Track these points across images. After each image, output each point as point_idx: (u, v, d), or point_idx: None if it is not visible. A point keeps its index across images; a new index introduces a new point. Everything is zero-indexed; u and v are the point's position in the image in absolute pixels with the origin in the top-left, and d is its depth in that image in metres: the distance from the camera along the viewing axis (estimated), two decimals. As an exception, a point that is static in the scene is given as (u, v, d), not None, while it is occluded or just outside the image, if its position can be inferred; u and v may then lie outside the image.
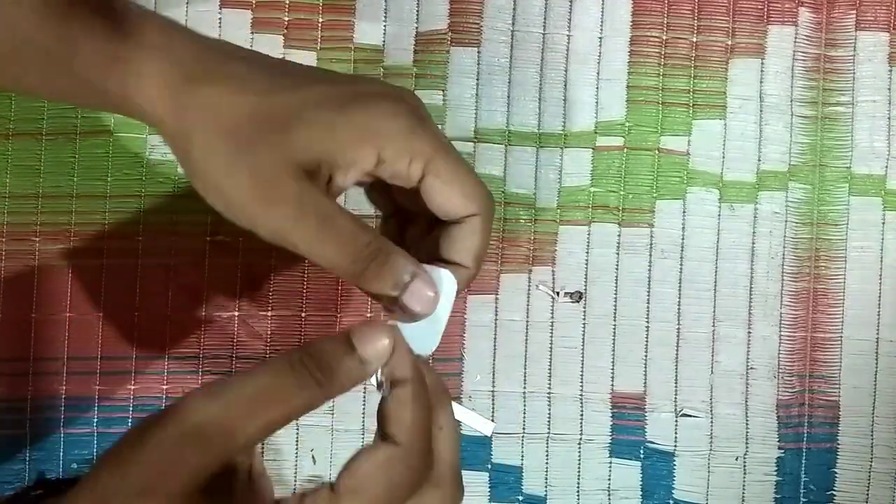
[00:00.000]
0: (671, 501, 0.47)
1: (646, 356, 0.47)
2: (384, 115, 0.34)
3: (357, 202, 0.46)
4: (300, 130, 0.32)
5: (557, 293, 0.47)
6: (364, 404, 0.47)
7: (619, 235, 0.47)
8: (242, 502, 0.30)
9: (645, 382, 0.47)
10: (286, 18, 0.47)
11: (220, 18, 0.47)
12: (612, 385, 0.47)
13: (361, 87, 0.35)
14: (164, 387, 0.46)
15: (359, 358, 0.30)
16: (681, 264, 0.48)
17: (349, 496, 0.29)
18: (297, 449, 0.47)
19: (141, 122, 0.34)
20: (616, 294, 0.47)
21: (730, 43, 0.48)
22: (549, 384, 0.47)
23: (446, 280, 0.35)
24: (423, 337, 0.34)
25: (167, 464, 0.27)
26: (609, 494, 0.47)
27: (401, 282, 0.33)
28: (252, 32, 0.47)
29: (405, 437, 0.30)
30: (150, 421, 0.28)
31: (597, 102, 0.48)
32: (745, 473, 0.47)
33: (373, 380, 0.31)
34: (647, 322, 0.47)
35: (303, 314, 0.47)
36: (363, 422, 0.47)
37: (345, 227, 0.33)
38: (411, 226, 0.38)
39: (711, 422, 0.47)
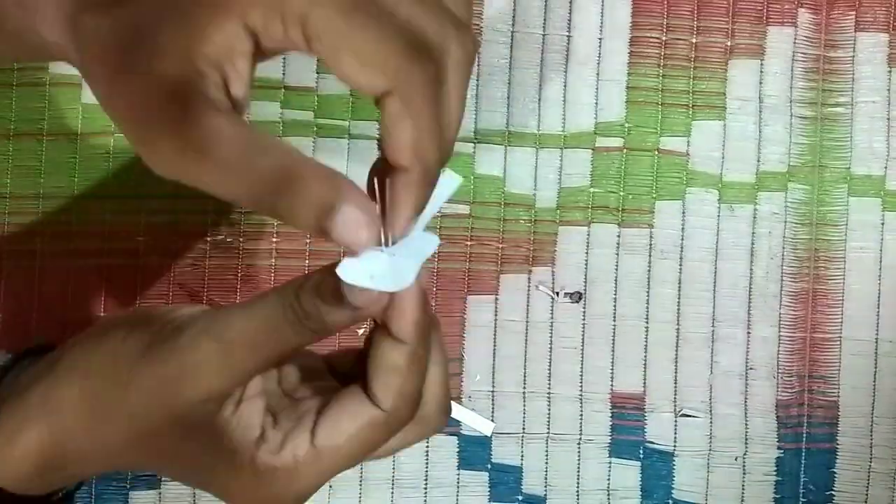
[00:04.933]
0: (670, 501, 0.47)
1: (645, 356, 0.47)
2: None
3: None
4: (164, 30, 0.26)
5: (557, 293, 0.47)
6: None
7: (618, 236, 0.47)
8: (230, 426, 0.29)
9: (644, 382, 0.47)
10: (286, 19, 0.47)
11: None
12: (612, 385, 0.47)
13: None
14: (165, 387, 0.46)
15: (351, 307, 0.27)
16: (680, 265, 0.48)
17: (329, 454, 0.29)
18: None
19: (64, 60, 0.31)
20: (616, 294, 0.47)
21: (729, 44, 0.48)
22: (549, 384, 0.47)
23: (429, 238, 0.28)
24: (396, 270, 0.27)
25: (168, 394, 0.28)
26: (608, 494, 0.47)
27: (323, 213, 0.25)
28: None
29: (392, 405, 0.29)
30: (146, 337, 0.29)
31: (596, 103, 0.48)
32: (744, 473, 0.47)
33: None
34: (647, 322, 0.47)
35: (303, 314, 0.47)
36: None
37: (233, 151, 0.26)
38: None
39: (711, 422, 0.47)
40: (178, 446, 0.29)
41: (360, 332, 0.46)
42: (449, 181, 0.29)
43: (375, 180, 0.28)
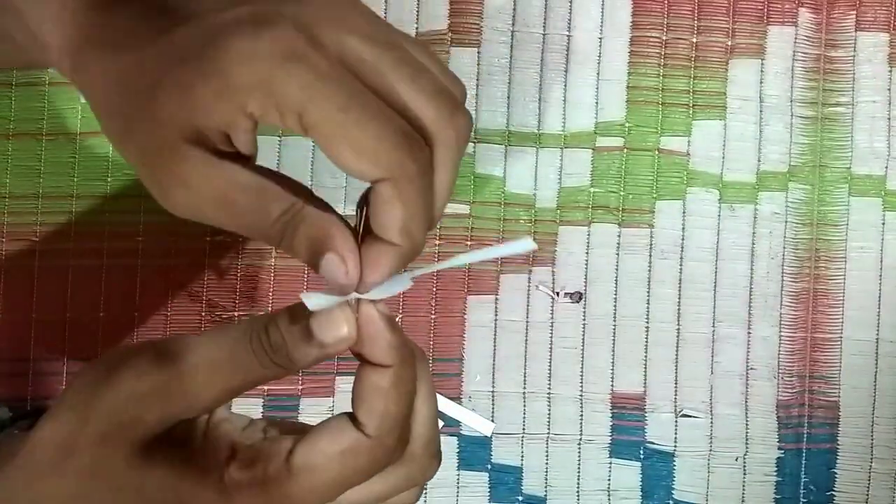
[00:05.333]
0: (671, 502, 0.47)
1: (645, 356, 0.47)
2: (237, 61, 0.26)
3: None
4: (163, 98, 0.27)
5: (557, 293, 0.47)
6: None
7: (618, 236, 0.47)
8: (197, 451, 0.29)
9: (645, 383, 0.47)
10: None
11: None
12: (612, 385, 0.47)
13: (220, 18, 0.27)
14: (164, 387, 0.46)
15: (318, 344, 0.28)
16: (680, 265, 0.48)
17: (303, 474, 0.28)
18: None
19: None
20: (616, 294, 0.47)
21: (730, 43, 0.48)
22: (549, 384, 0.47)
23: (402, 278, 0.30)
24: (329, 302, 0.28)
25: (126, 416, 0.28)
26: (609, 495, 0.47)
27: (316, 253, 0.28)
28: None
29: (375, 430, 0.28)
30: (113, 363, 0.29)
31: (597, 103, 0.48)
32: (744, 474, 0.47)
33: None
34: (647, 322, 0.47)
35: (303, 314, 0.47)
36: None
37: (248, 202, 0.28)
38: None
39: (711, 422, 0.47)
40: (139, 479, 0.28)
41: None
42: (404, 279, 0.30)
43: (364, 212, 0.29)
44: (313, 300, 0.28)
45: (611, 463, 0.47)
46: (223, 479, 0.28)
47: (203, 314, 0.46)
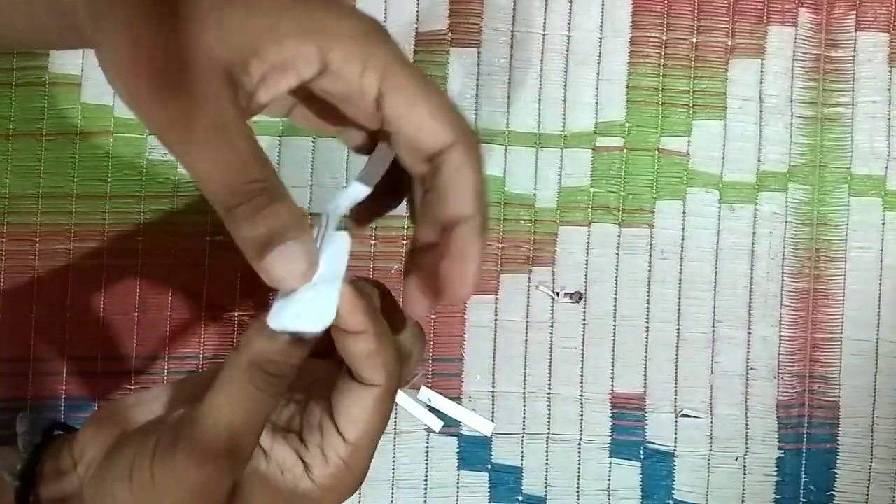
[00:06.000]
0: (671, 502, 0.47)
1: (646, 356, 0.47)
2: (334, 15, 0.28)
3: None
4: (235, 12, 0.27)
5: (557, 293, 0.47)
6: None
7: (618, 236, 0.47)
8: (272, 473, 0.32)
9: (645, 383, 0.47)
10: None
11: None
12: (612, 385, 0.47)
13: None
14: (164, 387, 0.46)
15: (307, 342, 0.29)
16: (681, 265, 0.48)
17: (362, 441, 0.31)
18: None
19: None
20: (616, 294, 0.47)
21: (730, 43, 0.48)
22: (549, 385, 0.47)
23: (339, 240, 0.29)
24: (319, 299, 0.28)
25: (200, 492, 0.30)
26: (609, 495, 0.47)
27: (273, 238, 0.26)
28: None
29: (383, 380, 0.31)
30: (162, 444, 0.30)
31: (597, 103, 0.48)
32: (744, 474, 0.47)
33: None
34: (647, 322, 0.47)
35: (303, 314, 0.47)
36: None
37: (236, 149, 0.26)
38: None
39: (711, 422, 0.47)
40: None
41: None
42: (341, 238, 0.29)
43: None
44: (290, 322, 0.28)
45: (611, 463, 0.47)
46: (317, 483, 0.31)
47: (203, 314, 0.46)
